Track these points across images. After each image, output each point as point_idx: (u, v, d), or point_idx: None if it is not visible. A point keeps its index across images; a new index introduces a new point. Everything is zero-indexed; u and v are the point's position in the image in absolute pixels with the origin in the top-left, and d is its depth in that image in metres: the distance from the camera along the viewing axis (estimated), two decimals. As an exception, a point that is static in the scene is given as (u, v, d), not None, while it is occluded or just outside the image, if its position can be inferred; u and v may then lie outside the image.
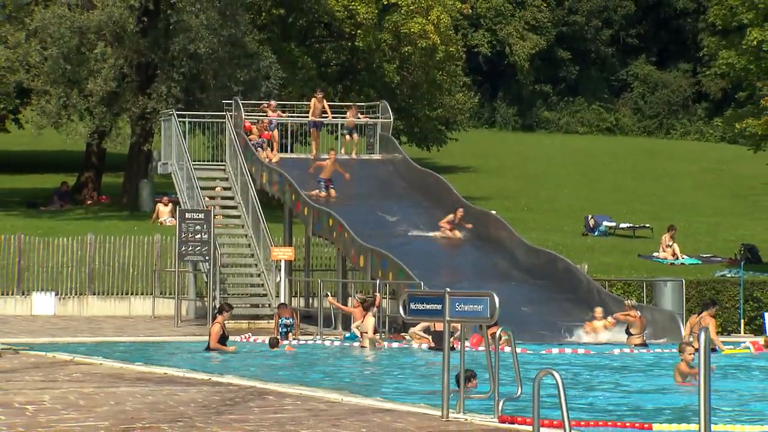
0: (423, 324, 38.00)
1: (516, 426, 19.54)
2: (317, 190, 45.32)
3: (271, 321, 43.25)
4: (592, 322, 31.42)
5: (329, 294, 45.76)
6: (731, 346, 39.59)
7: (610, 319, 40.34)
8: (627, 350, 38.27)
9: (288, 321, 42.25)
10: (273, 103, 55.26)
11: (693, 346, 30.68)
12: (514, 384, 21.54)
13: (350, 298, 44.48)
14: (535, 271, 45.28)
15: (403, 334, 40.71)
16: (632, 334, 39.71)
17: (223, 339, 37.60)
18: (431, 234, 47.07)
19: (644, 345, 39.12)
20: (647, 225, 65.05)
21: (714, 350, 37.90)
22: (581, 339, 40.35)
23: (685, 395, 26.09)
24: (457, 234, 46.38)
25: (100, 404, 22.74)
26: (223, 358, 35.97)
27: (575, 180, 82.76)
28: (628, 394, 28.30)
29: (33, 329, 41.30)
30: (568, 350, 37.78)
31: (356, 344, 39.46)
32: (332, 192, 45.26)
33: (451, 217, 46.40)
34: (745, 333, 43.62)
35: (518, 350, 24.67)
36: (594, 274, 45.90)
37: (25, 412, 21.62)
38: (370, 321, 40.21)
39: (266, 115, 54.11)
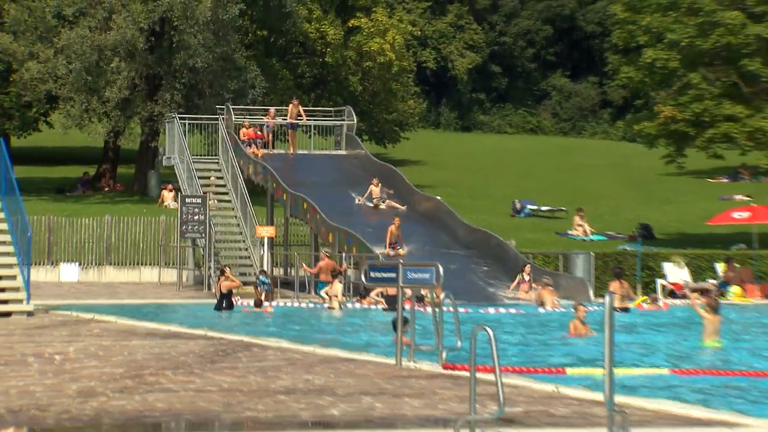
0: (378, 289, 38.08)
1: (456, 372, 19.56)
2: (386, 251, 44.58)
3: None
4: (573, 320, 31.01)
5: (304, 264, 45.87)
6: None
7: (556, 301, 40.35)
8: (548, 310, 38.40)
9: (266, 279, 42.52)
10: (272, 111, 55.43)
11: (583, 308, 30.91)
12: (456, 338, 21.55)
13: (320, 253, 44.51)
14: (473, 245, 45.38)
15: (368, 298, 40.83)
16: (545, 302, 39.97)
17: (229, 295, 37.90)
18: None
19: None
20: (563, 208, 65.17)
21: (626, 309, 38.10)
22: (506, 300, 40.66)
23: (588, 346, 26.18)
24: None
25: (116, 354, 22.73)
26: (217, 315, 35.99)
27: (505, 171, 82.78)
28: (547, 346, 28.34)
29: (60, 293, 41.16)
30: (502, 310, 37.86)
31: (326, 306, 39.51)
32: (400, 251, 44.58)
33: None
34: (641, 296, 43.69)
35: (460, 310, 24.78)
36: (520, 248, 45.95)
37: (54, 361, 21.60)
38: (338, 287, 40.25)
39: (264, 120, 54.51)
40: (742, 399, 18.98)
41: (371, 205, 46.86)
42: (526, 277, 41.79)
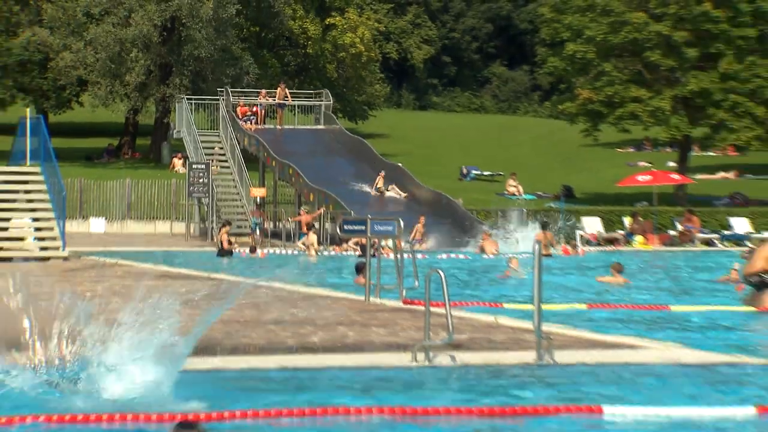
0: (354, 239, 38.07)
1: (413, 306, 19.58)
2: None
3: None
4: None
5: (290, 219, 45.88)
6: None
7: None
8: (489, 256, 38.44)
9: (258, 220, 42.71)
10: (264, 92, 55.58)
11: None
12: (413, 278, 21.57)
13: (300, 210, 44.57)
14: (427, 203, 45.42)
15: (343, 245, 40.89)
16: (486, 250, 39.97)
17: (228, 244, 37.95)
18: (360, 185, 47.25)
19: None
20: (500, 173, 65.25)
21: (550, 255, 38.17)
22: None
23: (521, 285, 26.19)
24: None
25: (136, 292, 22.71)
26: (219, 261, 35.96)
27: (454, 143, 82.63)
28: (488, 285, 28.37)
29: (89, 242, 41.02)
30: (452, 255, 37.90)
31: (305, 253, 39.58)
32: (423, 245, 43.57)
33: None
34: (564, 245, 43.74)
35: (418, 256, 24.83)
36: (466, 206, 45.95)
37: (85, 296, 21.55)
38: (313, 237, 40.36)
39: (258, 100, 54.58)
40: (642, 326, 19.10)
41: (378, 193, 45.95)
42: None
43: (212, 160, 48.60)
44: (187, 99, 54.20)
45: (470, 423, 10.96)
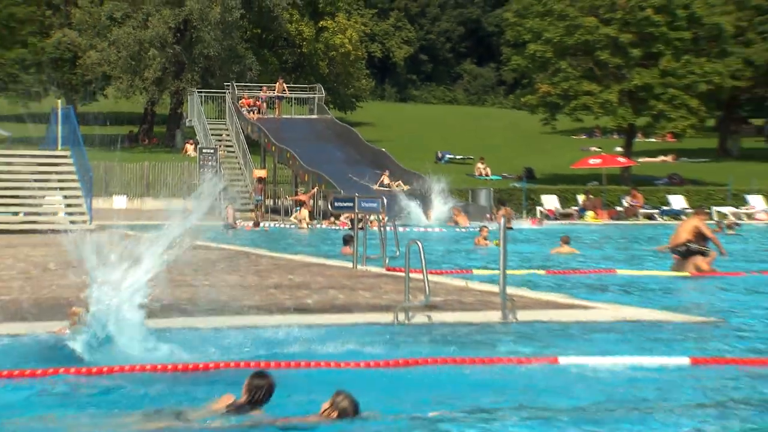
0: (346, 215, 38.06)
1: (395, 273, 19.62)
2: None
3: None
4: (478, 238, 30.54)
5: (288, 197, 45.91)
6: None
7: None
8: (461, 229, 38.48)
9: (259, 197, 42.86)
10: (265, 87, 55.62)
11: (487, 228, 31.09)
12: (394, 248, 21.62)
13: (298, 191, 44.63)
14: (407, 183, 45.42)
15: (332, 219, 40.90)
16: (458, 223, 40.04)
17: (233, 221, 38.00)
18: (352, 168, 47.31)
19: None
20: (471, 156, 65.35)
21: (511, 228, 38.21)
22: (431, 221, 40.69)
23: (489, 254, 26.24)
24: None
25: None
26: (224, 233, 35.94)
27: (430, 130, 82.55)
28: (460, 254, 28.41)
29: (113, 217, 40.92)
30: (429, 229, 37.92)
31: (298, 227, 39.62)
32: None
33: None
34: (525, 218, 43.81)
35: (399, 229, 24.91)
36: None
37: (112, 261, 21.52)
38: (304, 212, 40.46)
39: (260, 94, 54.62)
40: (593, 289, 19.18)
41: (385, 189, 44.39)
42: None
43: (219, 146, 48.67)
44: (198, 92, 54.31)
45: (443, 371, 11.00)
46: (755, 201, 48.05)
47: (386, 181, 45.27)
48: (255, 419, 8.68)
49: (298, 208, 42.53)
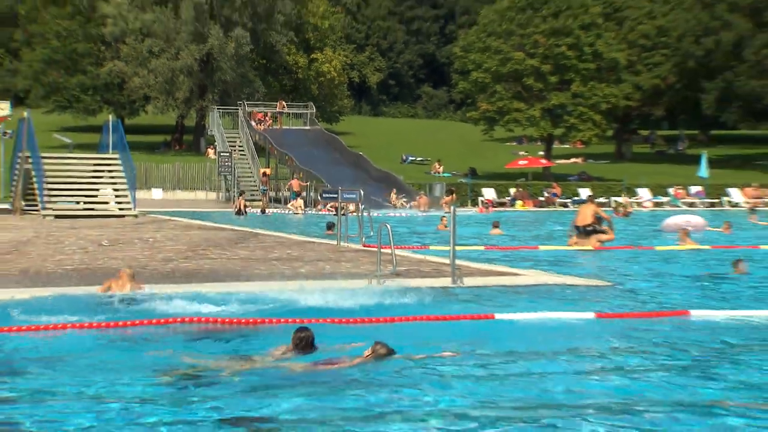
0: (332, 203, 37.91)
1: (370, 249, 19.56)
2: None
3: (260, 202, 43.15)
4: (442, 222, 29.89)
5: (284, 186, 45.79)
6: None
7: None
8: (423, 214, 38.44)
9: (265, 188, 42.85)
10: (270, 112, 55.41)
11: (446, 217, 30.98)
12: (369, 229, 21.58)
13: (293, 180, 44.45)
14: (378, 179, 45.33)
15: (319, 207, 40.78)
16: (420, 207, 40.14)
17: (244, 208, 37.72)
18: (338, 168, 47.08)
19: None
20: (428, 158, 65.36)
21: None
22: (395, 209, 40.68)
23: (444, 234, 26.23)
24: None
25: (183, 238, 22.56)
26: (236, 218, 35.80)
27: (397, 138, 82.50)
28: (421, 234, 28.40)
29: (151, 205, 40.78)
30: (397, 214, 37.87)
31: (293, 213, 39.49)
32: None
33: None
34: (470, 207, 43.91)
35: (374, 213, 24.92)
36: (405, 181, 46.00)
37: (148, 241, 21.44)
38: (299, 201, 40.29)
39: (267, 110, 54.31)
40: (521, 261, 19.19)
41: (395, 205, 41.67)
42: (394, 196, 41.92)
43: (234, 150, 48.40)
44: (217, 109, 54.04)
45: (405, 326, 11.00)
46: (643, 192, 48.34)
47: (394, 200, 42.94)
48: (311, 361, 8.96)
49: (293, 197, 42.39)
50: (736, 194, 47.80)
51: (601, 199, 42.45)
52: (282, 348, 9.42)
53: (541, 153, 64.25)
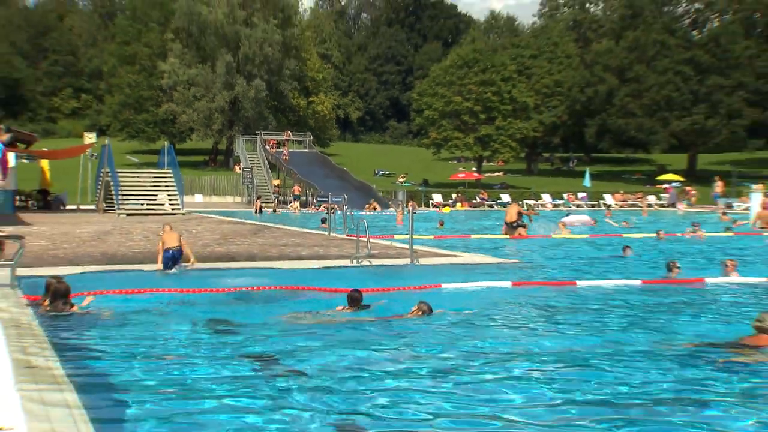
0: (325, 205, 37.59)
1: (352, 237, 19.37)
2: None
3: (276, 205, 42.78)
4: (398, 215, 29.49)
5: (291, 193, 45.37)
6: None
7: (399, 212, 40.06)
8: (392, 213, 38.22)
9: (275, 194, 42.38)
10: (274, 140, 54.76)
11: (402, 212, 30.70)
12: (350, 223, 21.46)
13: (294, 187, 44.05)
14: (358, 188, 44.90)
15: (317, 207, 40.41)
16: (375, 209, 39.63)
17: (260, 209, 37.31)
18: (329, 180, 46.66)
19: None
20: (395, 172, 65.05)
21: (416, 212, 37.69)
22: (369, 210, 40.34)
23: (404, 228, 26.12)
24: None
25: (216, 230, 22.29)
26: (255, 216, 35.53)
27: (371, 158, 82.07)
28: (386, 229, 28.29)
29: (194, 206, 40.35)
30: (370, 212, 37.64)
31: (293, 212, 39.12)
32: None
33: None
34: (427, 207, 43.76)
35: (357, 213, 24.81)
36: (378, 189, 45.72)
37: (192, 232, 21.17)
38: (296, 203, 39.87)
39: (277, 138, 53.81)
40: (460, 246, 19.15)
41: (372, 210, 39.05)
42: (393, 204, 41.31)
43: (253, 167, 47.93)
44: (242, 137, 53.49)
45: (378, 294, 10.92)
46: (546, 197, 48.48)
47: (372, 205, 41.09)
48: (366, 316, 9.02)
49: (293, 199, 41.75)
50: (609, 198, 48.13)
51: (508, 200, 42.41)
52: (340, 307, 9.35)
53: (474, 168, 64.23)
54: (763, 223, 25.37)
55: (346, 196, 24.04)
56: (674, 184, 49.03)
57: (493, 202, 46.97)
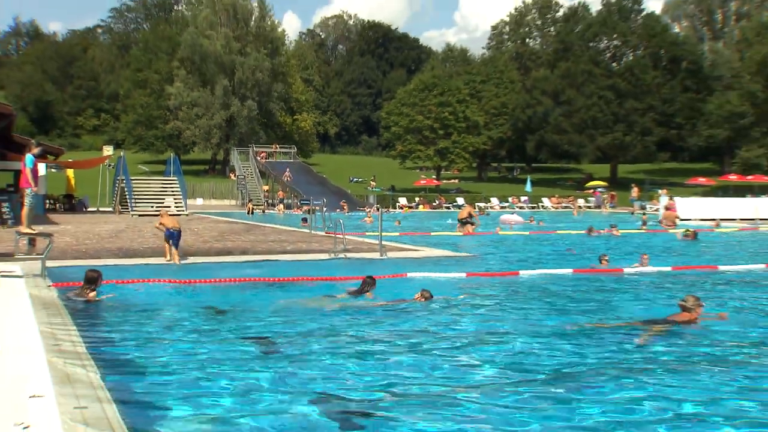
0: (305, 207, 37.22)
1: (330, 235, 19.15)
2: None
3: (266, 208, 42.31)
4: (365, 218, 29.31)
5: (276, 194, 44.85)
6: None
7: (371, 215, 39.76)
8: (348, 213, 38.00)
9: (264, 198, 41.52)
10: (264, 151, 54.03)
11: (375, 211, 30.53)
12: (329, 224, 21.36)
13: (279, 192, 43.56)
14: (335, 192, 44.59)
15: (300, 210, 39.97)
16: (344, 210, 39.35)
17: (252, 210, 36.84)
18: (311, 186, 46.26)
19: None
20: (367, 179, 64.91)
21: (387, 212, 37.25)
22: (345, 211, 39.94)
23: (374, 226, 25.97)
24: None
25: (214, 229, 21.99)
26: (247, 216, 35.14)
27: (347, 167, 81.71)
28: (360, 227, 28.18)
29: (195, 208, 39.74)
30: (345, 214, 37.41)
31: (277, 213, 38.66)
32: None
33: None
34: (393, 209, 43.64)
35: (333, 214, 24.68)
36: (353, 194, 45.52)
37: (193, 230, 20.90)
38: (280, 206, 39.25)
39: (266, 150, 53.25)
40: (422, 242, 19.16)
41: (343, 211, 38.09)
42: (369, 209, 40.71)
43: (246, 174, 47.42)
44: (236, 149, 52.75)
45: (352, 282, 10.92)
46: (494, 200, 48.78)
47: (344, 206, 42.43)
48: (372, 301, 8.94)
49: (279, 202, 41.21)
50: (546, 201, 48.63)
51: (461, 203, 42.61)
52: (350, 289, 9.33)
53: (434, 176, 64.38)
54: (668, 222, 25.90)
55: (325, 200, 23.88)
56: (600, 190, 49.71)
57: (450, 205, 47.15)
